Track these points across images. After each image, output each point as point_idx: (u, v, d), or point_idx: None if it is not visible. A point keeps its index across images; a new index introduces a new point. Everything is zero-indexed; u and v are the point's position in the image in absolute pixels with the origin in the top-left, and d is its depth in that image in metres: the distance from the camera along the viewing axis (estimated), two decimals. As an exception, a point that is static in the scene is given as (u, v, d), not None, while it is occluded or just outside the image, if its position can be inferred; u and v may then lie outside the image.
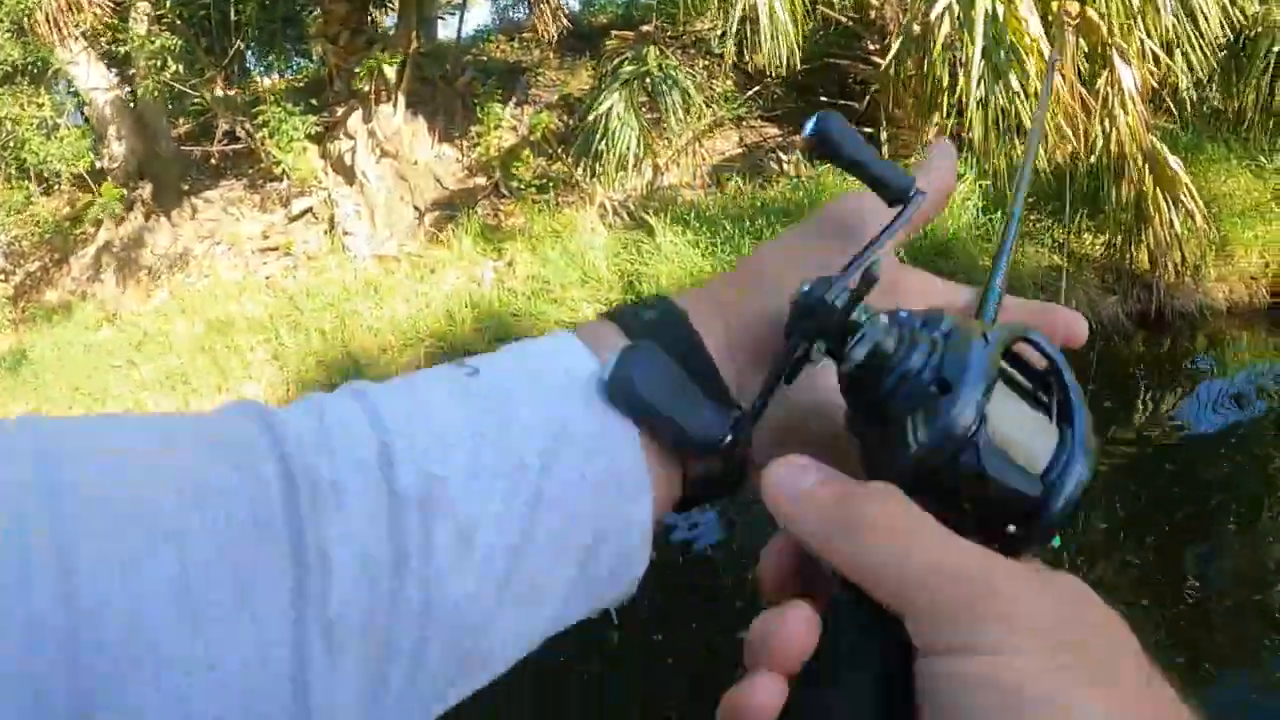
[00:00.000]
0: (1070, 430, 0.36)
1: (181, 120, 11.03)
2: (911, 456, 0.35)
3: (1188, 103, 7.88)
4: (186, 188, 9.89)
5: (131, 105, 10.28)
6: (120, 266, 9.80)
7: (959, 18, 6.79)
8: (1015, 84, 6.84)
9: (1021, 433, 0.36)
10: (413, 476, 0.35)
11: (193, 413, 0.39)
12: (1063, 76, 6.84)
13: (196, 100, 10.28)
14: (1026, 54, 6.69)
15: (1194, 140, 8.54)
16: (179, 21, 9.36)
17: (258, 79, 10.46)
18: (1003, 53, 6.71)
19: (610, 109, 8.70)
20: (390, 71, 8.87)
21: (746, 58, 10.26)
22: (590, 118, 8.62)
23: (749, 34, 8.30)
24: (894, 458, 0.36)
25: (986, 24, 6.60)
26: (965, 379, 0.34)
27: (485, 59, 10.19)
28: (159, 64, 9.02)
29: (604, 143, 8.77)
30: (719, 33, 9.81)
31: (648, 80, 8.91)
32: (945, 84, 7.82)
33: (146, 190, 9.87)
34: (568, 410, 0.39)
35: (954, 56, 7.78)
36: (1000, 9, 6.62)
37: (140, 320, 9.18)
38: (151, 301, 9.52)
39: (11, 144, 9.17)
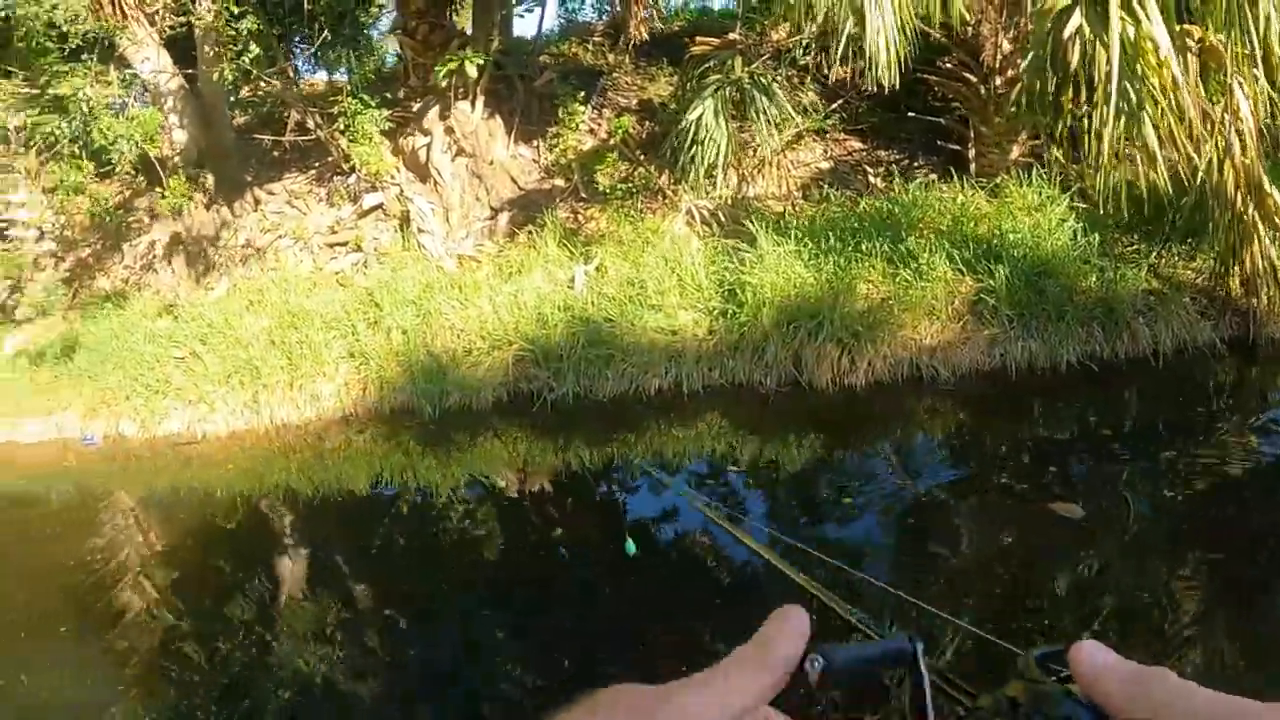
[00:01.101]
0: None
1: (237, 113, 10.77)
2: None
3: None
4: (249, 178, 9.62)
5: (194, 92, 10.02)
6: (179, 256, 9.52)
7: (1090, 40, 6.70)
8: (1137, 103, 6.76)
9: None
10: None
11: None
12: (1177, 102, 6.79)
13: (257, 90, 10.05)
14: (1154, 76, 6.62)
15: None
16: (251, 7, 9.10)
17: (331, 70, 10.19)
18: (1131, 78, 6.64)
19: (700, 117, 8.57)
20: (472, 69, 8.68)
21: (826, 70, 10.20)
22: (681, 124, 8.48)
23: (842, 47, 8.16)
24: None
25: (1120, 45, 6.52)
26: None
27: (563, 59, 10.03)
28: (237, 49, 8.75)
29: (693, 150, 8.64)
30: (802, 44, 9.74)
31: (736, 89, 8.79)
32: (1053, 101, 7.78)
33: (208, 180, 9.60)
34: None
35: (1060, 76, 7.73)
36: (1131, 31, 6.55)
37: (203, 311, 8.90)
38: (212, 293, 9.24)
39: (79, 120, 8.87)
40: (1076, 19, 7.53)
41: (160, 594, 6.01)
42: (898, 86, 8.05)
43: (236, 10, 8.72)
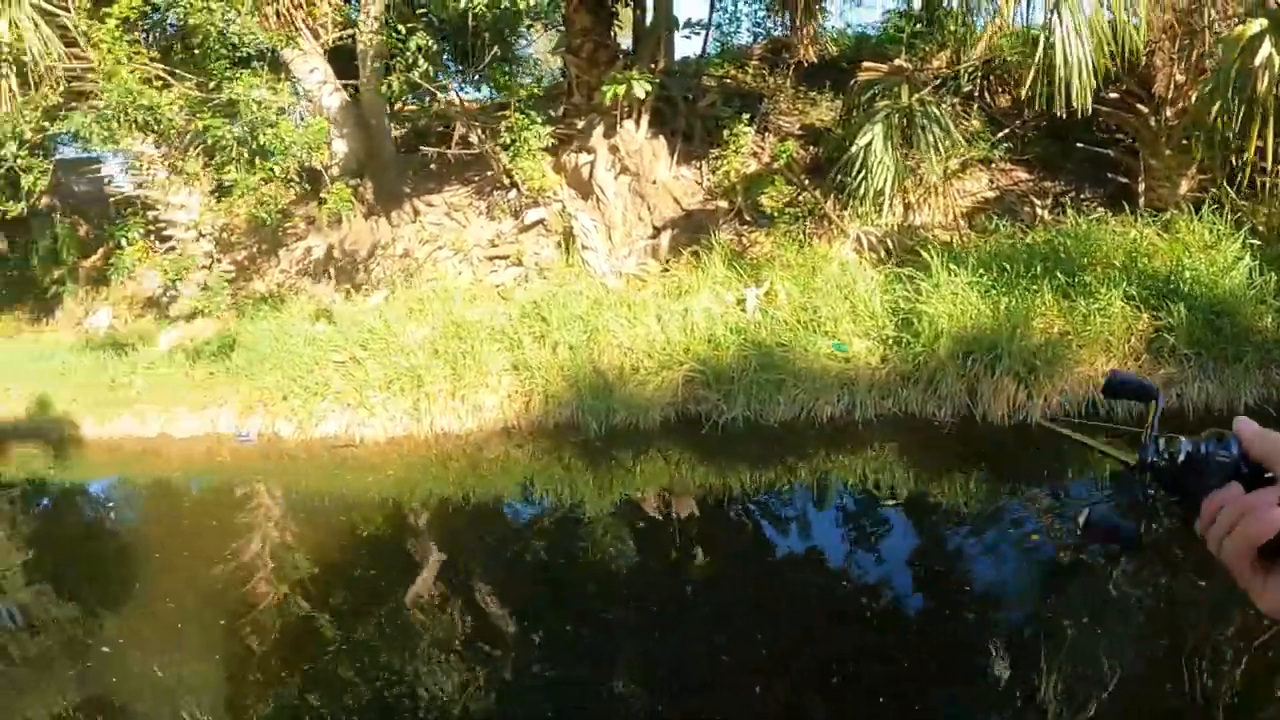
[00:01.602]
0: None
1: (393, 125, 10.94)
2: None
3: None
4: (408, 190, 9.74)
5: (354, 103, 10.22)
6: (337, 262, 9.66)
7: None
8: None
9: None
10: None
11: None
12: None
13: (419, 104, 10.21)
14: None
15: None
16: (420, 24, 9.25)
17: (496, 87, 10.31)
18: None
19: (869, 143, 8.44)
20: (639, 89, 8.67)
21: (989, 97, 10.01)
22: (851, 150, 8.36)
23: (1032, 76, 7.94)
24: None
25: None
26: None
27: (723, 82, 10.01)
28: (405, 63, 8.89)
29: (861, 176, 8.51)
30: (967, 71, 9.57)
31: (904, 116, 8.64)
32: (1236, 132, 7.51)
33: (367, 189, 9.74)
34: None
35: (1243, 106, 7.46)
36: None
37: (363, 317, 8.99)
38: (369, 300, 9.33)
39: (247, 124, 9.06)
40: (1267, 48, 7.26)
41: (305, 592, 5.97)
42: (1082, 114, 7.84)
43: (405, 28, 8.90)
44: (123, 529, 8.45)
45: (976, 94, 9.64)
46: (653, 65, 8.92)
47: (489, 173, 9.46)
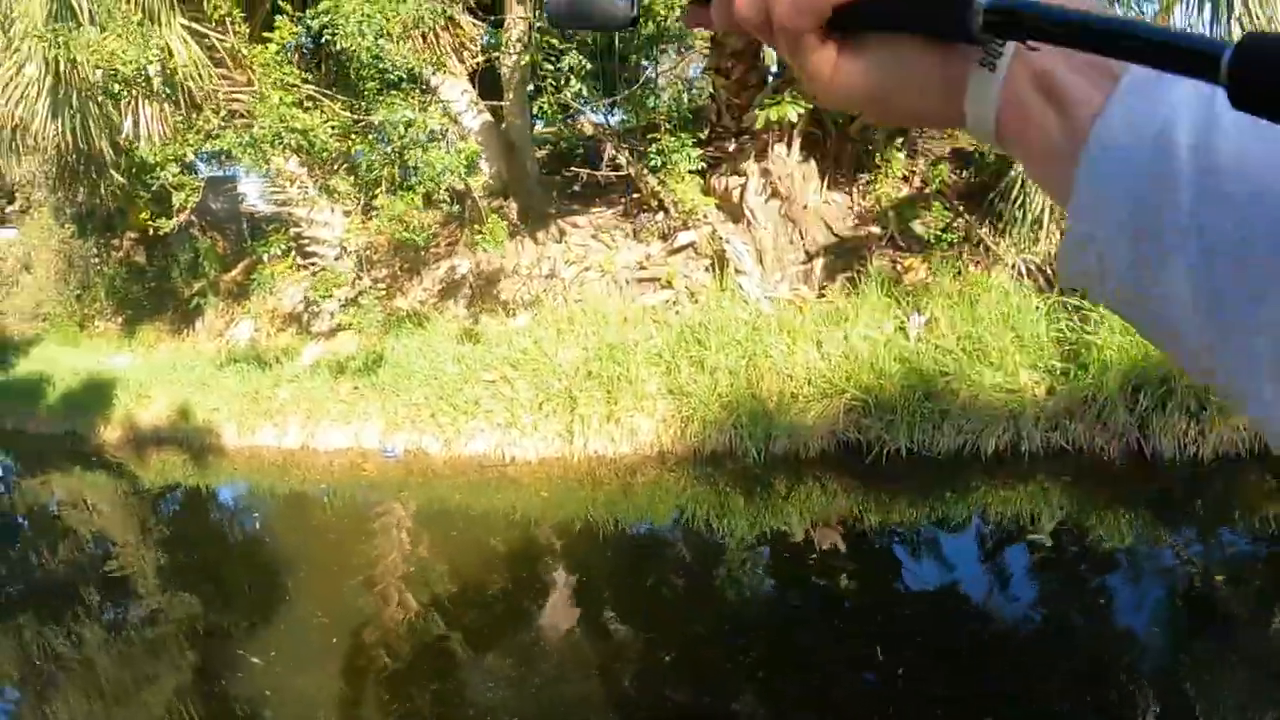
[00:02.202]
0: None
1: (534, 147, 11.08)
2: None
3: None
4: (553, 211, 9.84)
5: (498, 125, 10.37)
6: (480, 282, 9.80)
7: None
8: None
9: None
10: None
11: None
12: None
13: (565, 126, 10.31)
14: None
15: None
16: (574, 45, 9.32)
17: (644, 109, 10.37)
18: None
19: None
20: (794, 113, 8.62)
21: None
22: (1011, 173, 8.20)
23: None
24: None
25: None
26: None
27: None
28: (557, 84, 8.98)
29: (1019, 202, 8.34)
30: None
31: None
32: None
33: (511, 210, 9.87)
34: None
35: None
36: None
37: (510, 338, 9.09)
38: (514, 320, 9.44)
39: (396, 146, 9.24)
40: None
41: (445, 608, 6.02)
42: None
43: (560, 46, 8.97)
44: (268, 537, 8.64)
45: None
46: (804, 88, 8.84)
47: (635, 195, 9.50)
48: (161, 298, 14.59)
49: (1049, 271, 8.34)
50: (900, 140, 9.00)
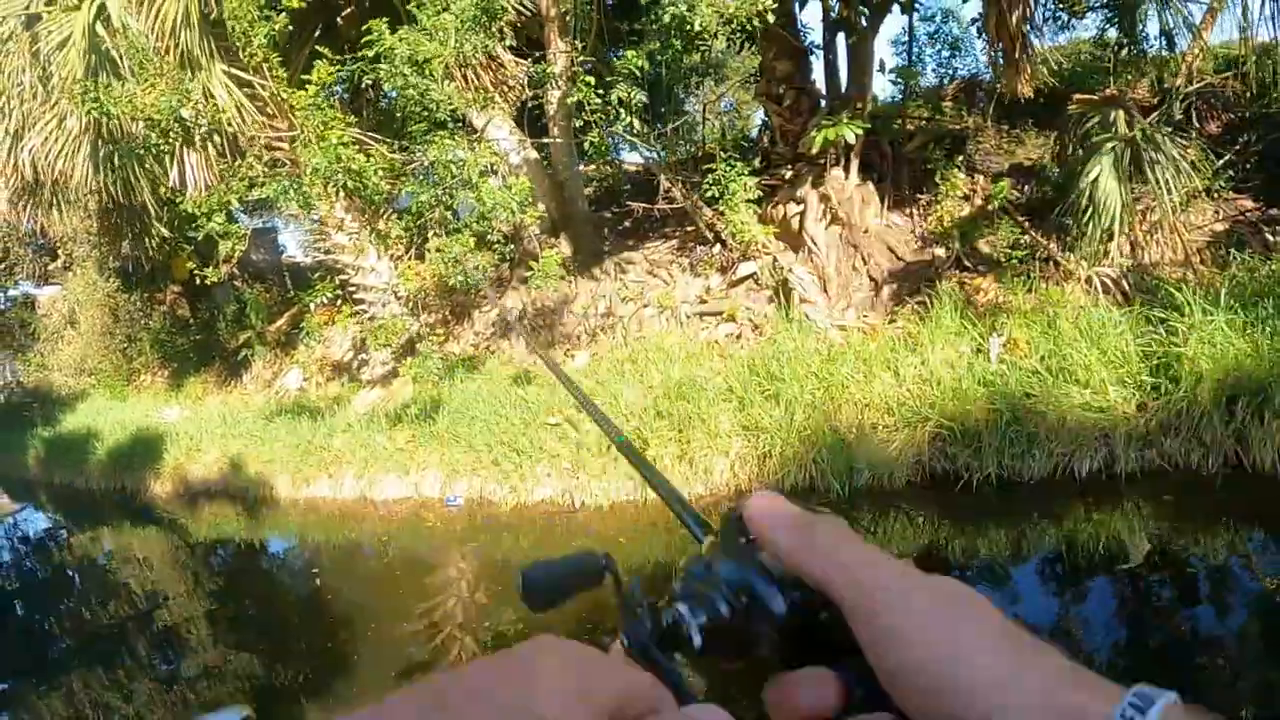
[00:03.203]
0: None
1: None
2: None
3: None
4: (606, 248, 9.69)
5: (546, 162, 10.26)
6: (534, 322, 9.64)
7: None
8: None
9: None
10: None
11: None
12: None
13: (598, 161, 10.16)
14: None
15: None
16: (621, 78, 9.16)
17: (697, 142, 10.25)
18: None
19: (1096, 179, 8.04)
20: (850, 135, 8.45)
21: (1198, 124, 9.48)
22: (1080, 187, 7.98)
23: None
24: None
25: None
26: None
27: (924, 124, 9.75)
28: (609, 116, 8.83)
29: (1088, 214, 8.11)
30: (1177, 97, 9.07)
31: (1126, 147, 8.21)
32: None
33: (563, 248, 9.73)
34: None
35: None
36: None
37: (572, 378, 8.90)
38: (573, 360, 9.27)
39: (446, 187, 9.11)
40: None
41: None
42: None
43: (608, 79, 8.82)
44: (333, 591, 8.44)
45: (1186, 121, 9.14)
46: (858, 107, 8.68)
47: (689, 228, 9.33)
48: (207, 350, 14.55)
49: (1126, 284, 8.09)
50: (960, 157, 8.79)
